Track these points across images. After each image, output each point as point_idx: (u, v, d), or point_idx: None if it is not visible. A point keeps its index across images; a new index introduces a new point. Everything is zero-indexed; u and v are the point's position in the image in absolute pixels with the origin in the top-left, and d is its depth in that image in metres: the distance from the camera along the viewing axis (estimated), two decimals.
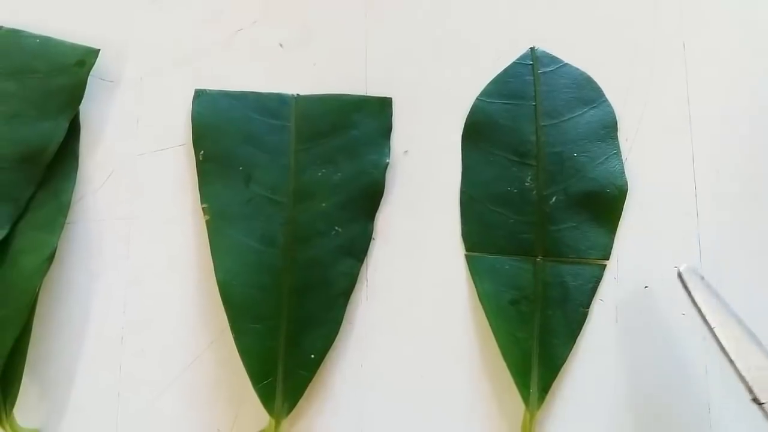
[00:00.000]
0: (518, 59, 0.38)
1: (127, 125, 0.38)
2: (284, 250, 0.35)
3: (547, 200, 0.36)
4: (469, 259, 0.36)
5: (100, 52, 0.37)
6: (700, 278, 0.33)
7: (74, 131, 0.37)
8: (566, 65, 0.38)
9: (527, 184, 0.36)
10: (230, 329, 0.34)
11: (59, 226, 0.35)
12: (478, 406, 0.35)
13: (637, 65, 0.38)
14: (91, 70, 0.37)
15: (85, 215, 0.37)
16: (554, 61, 0.38)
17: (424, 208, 0.37)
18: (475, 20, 0.39)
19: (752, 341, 0.32)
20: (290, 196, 0.36)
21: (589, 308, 0.35)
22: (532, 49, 0.38)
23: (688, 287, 0.33)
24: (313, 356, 0.34)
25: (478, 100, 0.38)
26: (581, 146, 0.36)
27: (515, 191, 0.36)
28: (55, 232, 0.34)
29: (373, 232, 0.36)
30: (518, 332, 0.35)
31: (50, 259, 0.34)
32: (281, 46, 0.39)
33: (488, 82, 0.38)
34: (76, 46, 0.37)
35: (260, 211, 0.35)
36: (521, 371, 0.34)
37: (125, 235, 0.36)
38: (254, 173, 0.36)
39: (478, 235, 0.36)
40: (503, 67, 0.38)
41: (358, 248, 0.36)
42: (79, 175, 0.36)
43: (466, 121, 0.37)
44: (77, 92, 0.36)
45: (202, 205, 0.35)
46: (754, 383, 0.30)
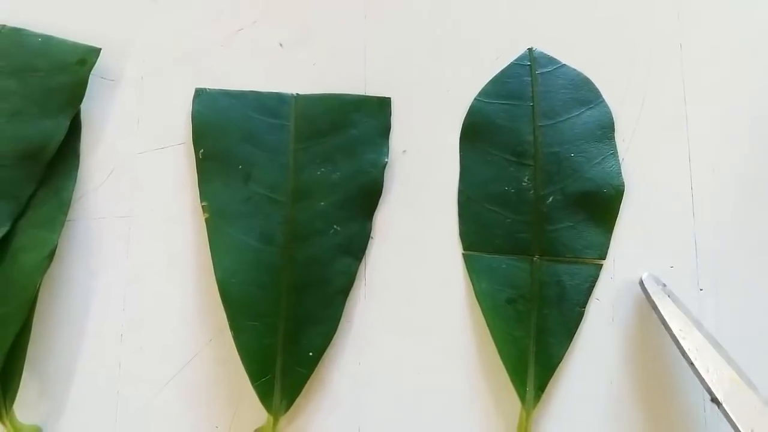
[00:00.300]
0: (516, 60, 0.38)
1: (127, 124, 0.38)
2: (283, 248, 0.35)
3: (544, 200, 0.36)
4: (466, 258, 0.36)
5: (101, 51, 0.37)
6: (662, 286, 0.35)
7: (75, 129, 0.37)
8: (564, 66, 0.38)
9: (524, 183, 0.36)
10: (229, 327, 0.34)
11: (59, 223, 0.35)
12: (474, 404, 0.35)
13: (634, 66, 0.39)
14: (92, 68, 0.37)
15: (85, 213, 0.37)
16: (552, 61, 0.38)
17: (422, 207, 0.37)
18: (473, 21, 0.39)
19: (712, 344, 0.33)
20: (289, 194, 0.36)
21: (585, 307, 0.35)
22: (530, 49, 0.38)
23: (649, 294, 0.34)
24: (311, 354, 0.34)
25: (476, 100, 0.38)
26: (578, 146, 0.37)
27: (512, 191, 0.36)
28: (55, 229, 0.34)
29: (371, 230, 0.36)
30: (515, 331, 0.35)
31: (50, 256, 0.34)
32: (281, 45, 0.39)
33: (486, 82, 0.38)
34: (77, 45, 0.37)
35: (259, 209, 0.36)
36: (518, 369, 0.34)
37: (125, 233, 0.37)
38: (253, 172, 0.36)
39: (475, 234, 0.36)
40: (501, 67, 0.38)
41: (356, 247, 0.36)
42: (79, 173, 0.36)
43: (464, 121, 0.38)
44: (78, 91, 0.36)
45: (201, 203, 0.36)
46: (712, 385, 0.32)
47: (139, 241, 0.37)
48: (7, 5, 0.39)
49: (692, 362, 0.32)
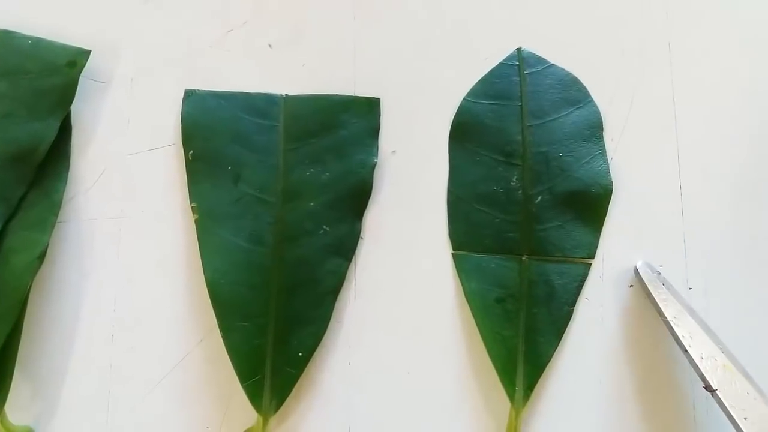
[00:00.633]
0: (505, 60, 0.38)
1: (118, 125, 0.38)
2: (272, 249, 0.35)
3: (532, 200, 0.36)
4: (455, 257, 0.36)
5: (91, 53, 0.37)
6: (656, 274, 0.35)
7: (66, 131, 0.37)
8: (552, 66, 0.38)
9: (513, 183, 0.36)
10: (219, 327, 0.34)
11: (50, 225, 0.35)
12: (464, 403, 0.35)
13: (623, 66, 0.39)
14: (82, 70, 0.37)
15: (76, 214, 0.37)
16: (540, 61, 0.38)
17: (411, 207, 0.37)
18: (462, 21, 0.39)
19: (705, 332, 0.33)
20: (278, 195, 0.36)
21: (574, 307, 0.35)
22: (518, 49, 0.38)
23: (643, 281, 0.35)
24: (301, 354, 0.34)
25: (465, 100, 0.38)
26: (567, 146, 0.37)
27: (501, 191, 0.36)
28: (46, 231, 0.35)
29: (361, 231, 0.36)
30: (504, 330, 0.35)
31: (41, 257, 0.34)
32: (270, 46, 0.39)
33: (475, 82, 0.38)
34: (67, 47, 0.37)
35: (249, 210, 0.36)
36: (507, 369, 0.34)
37: (116, 234, 0.37)
38: (243, 173, 0.36)
39: (464, 234, 0.36)
40: (490, 67, 0.38)
41: (346, 247, 0.36)
42: (70, 174, 0.37)
43: (453, 121, 0.38)
44: (68, 92, 0.36)
45: (191, 204, 0.36)
46: (706, 372, 0.32)
47: (129, 242, 0.37)
48: None
49: (686, 349, 0.32)
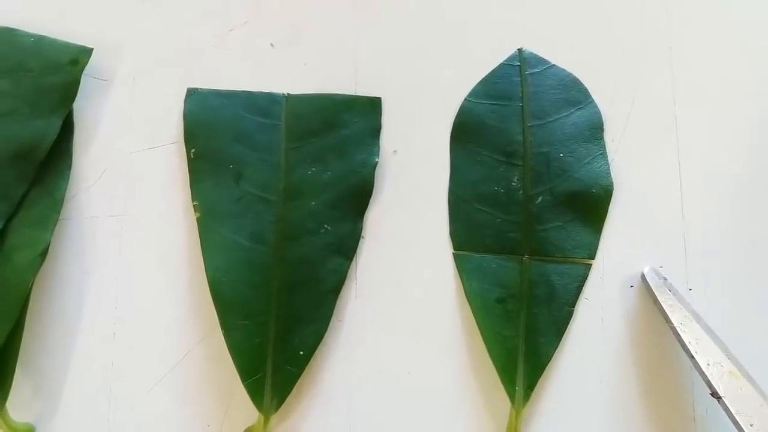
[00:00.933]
0: (506, 60, 0.38)
1: (120, 123, 0.38)
2: (274, 247, 0.35)
3: (533, 200, 0.36)
4: (456, 257, 0.36)
5: (93, 51, 0.37)
6: (663, 279, 0.35)
7: (68, 129, 0.37)
8: (553, 66, 0.38)
9: (514, 183, 0.36)
10: (220, 326, 0.34)
11: (52, 222, 0.35)
12: (464, 403, 0.35)
13: (623, 66, 0.39)
14: (84, 68, 0.37)
15: (78, 212, 0.37)
16: (541, 62, 0.38)
17: (412, 207, 0.37)
18: (463, 21, 0.39)
19: (711, 339, 0.33)
20: (280, 194, 0.36)
21: (574, 307, 0.35)
22: (519, 50, 0.38)
23: (651, 287, 0.34)
24: (302, 353, 0.34)
25: (466, 100, 0.38)
26: (568, 147, 0.37)
27: (502, 191, 0.36)
28: (48, 228, 0.35)
29: (362, 230, 0.37)
30: (504, 330, 0.35)
31: (43, 255, 0.34)
32: (272, 45, 0.39)
33: (476, 82, 0.38)
34: (69, 45, 0.37)
35: (250, 209, 0.36)
36: (507, 369, 0.34)
37: (118, 231, 0.37)
38: (245, 171, 0.36)
39: (465, 234, 0.36)
40: (491, 68, 0.38)
41: (347, 246, 0.36)
42: (72, 172, 0.37)
43: (454, 121, 0.38)
44: (71, 90, 0.36)
45: (192, 202, 0.36)
46: (712, 378, 0.32)
47: (131, 240, 0.37)
48: (0, 6, 0.39)
49: (692, 356, 0.32)
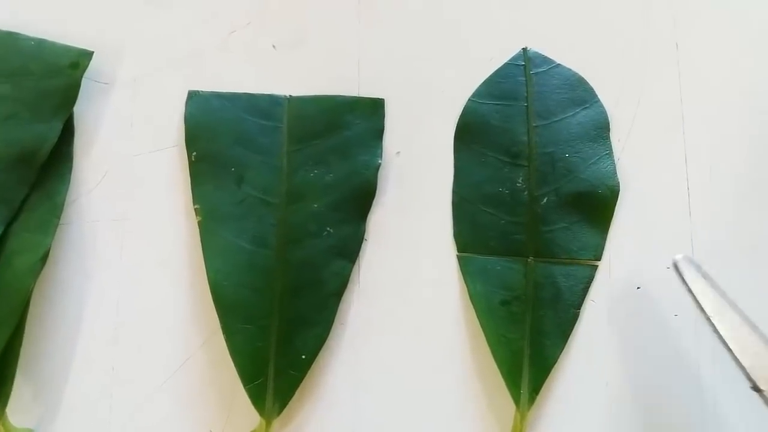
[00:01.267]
0: (510, 60, 0.38)
1: (121, 126, 0.38)
2: (276, 250, 0.35)
3: (538, 201, 0.36)
4: (460, 259, 0.36)
5: (94, 54, 0.37)
6: (696, 267, 0.33)
7: (69, 133, 0.37)
8: (558, 66, 0.38)
9: (519, 184, 0.36)
10: (222, 330, 0.34)
11: (53, 227, 0.35)
12: (469, 406, 0.35)
13: (629, 65, 0.38)
14: (85, 72, 0.37)
15: (79, 216, 0.37)
16: (546, 61, 0.38)
17: (416, 208, 0.37)
18: (467, 21, 0.39)
19: (750, 329, 0.31)
20: (282, 197, 0.36)
21: (580, 309, 0.35)
22: (524, 49, 0.38)
23: (684, 277, 0.33)
24: (304, 357, 0.34)
25: (470, 101, 0.37)
26: (573, 147, 0.36)
27: (507, 192, 0.36)
28: (48, 233, 0.34)
29: (365, 232, 0.36)
30: (509, 333, 0.34)
31: (44, 259, 0.34)
32: (274, 47, 0.39)
33: (480, 83, 0.38)
34: (70, 48, 0.37)
35: (252, 211, 0.35)
36: (512, 372, 0.34)
37: (119, 235, 0.37)
38: (246, 174, 0.36)
39: (469, 235, 0.36)
40: (496, 67, 0.38)
41: (349, 249, 0.36)
42: (73, 176, 0.36)
43: (458, 122, 0.37)
44: (71, 94, 0.36)
45: (194, 205, 0.36)
46: (752, 371, 0.30)
47: (132, 243, 0.36)
48: (1, 9, 0.39)
49: (730, 348, 0.30)
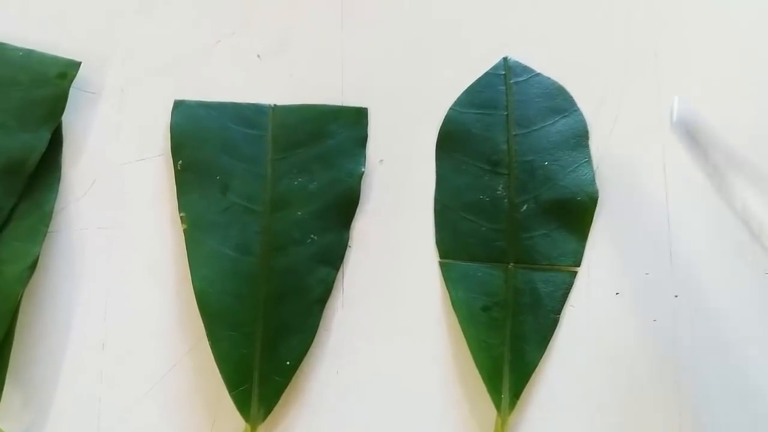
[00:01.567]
0: (491, 69, 0.38)
1: (108, 135, 0.38)
2: (260, 258, 0.35)
3: (518, 208, 0.36)
4: (442, 266, 0.36)
5: (81, 64, 0.37)
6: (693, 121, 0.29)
7: (57, 142, 0.37)
8: (538, 75, 0.38)
9: (499, 192, 0.37)
10: (207, 337, 0.34)
11: (41, 235, 0.35)
12: (450, 411, 0.35)
13: (609, 74, 0.39)
14: (72, 81, 0.37)
15: (67, 225, 0.37)
16: (526, 70, 0.38)
17: (399, 216, 0.37)
18: (448, 31, 0.40)
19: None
20: (266, 205, 0.36)
21: (560, 314, 0.35)
22: (504, 59, 0.38)
23: (686, 128, 0.29)
24: (288, 363, 0.34)
25: (451, 110, 0.38)
26: (552, 155, 0.37)
27: (487, 199, 0.36)
28: (37, 241, 0.35)
29: (348, 240, 0.37)
30: (490, 338, 0.35)
31: (32, 267, 0.34)
32: (259, 56, 0.39)
33: (462, 92, 0.38)
34: (57, 58, 0.38)
35: (237, 219, 0.36)
36: (493, 377, 0.34)
37: (107, 243, 0.37)
38: (231, 182, 0.36)
39: (451, 242, 0.37)
40: (477, 77, 0.38)
41: (333, 256, 0.36)
42: (61, 185, 0.37)
43: (439, 130, 0.38)
44: (59, 104, 0.37)
45: (180, 214, 0.36)
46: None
47: (120, 251, 0.37)
48: None
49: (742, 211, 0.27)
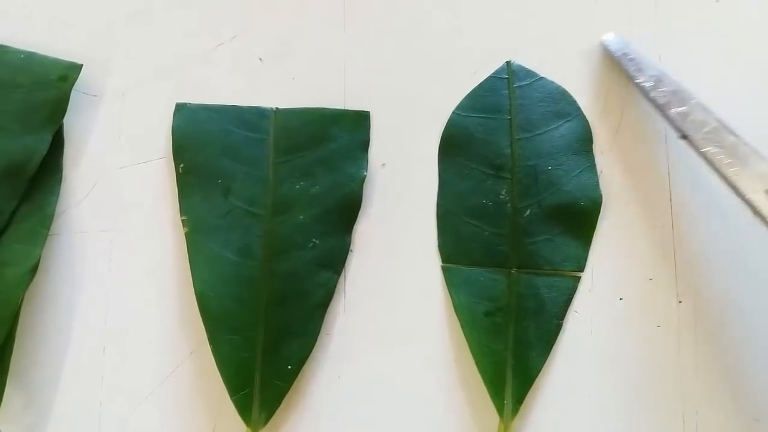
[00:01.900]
0: (494, 73, 0.38)
1: (109, 138, 0.38)
2: (262, 262, 0.35)
3: (521, 213, 0.36)
4: (445, 270, 0.36)
5: (83, 67, 0.37)
6: (624, 45, 0.35)
7: (58, 145, 0.37)
8: (542, 79, 0.38)
9: (502, 196, 0.36)
10: (208, 340, 0.34)
11: (42, 238, 0.35)
12: (453, 416, 0.35)
13: (612, 78, 0.39)
14: (74, 84, 0.37)
15: (68, 227, 0.37)
16: (530, 74, 0.38)
17: (401, 220, 0.37)
18: (452, 35, 0.39)
19: (684, 90, 0.33)
20: (268, 208, 0.36)
21: (563, 320, 0.35)
22: (508, 62, 0.38)
23: (614, 54, 0.35)
24: (290, 367, 0.34)
25: (454, 113, 0.38)
26: (556, 159, 0.37)
27: (490, 204, 0.36)
28: (38, 244, 0.35)
29: (350, 244, 0.37)
30: (493, 343, 0.35)
31: (33, 270, 0.34)
32: (260, 60, 0.39)
33: (465, 96, 0.38)
34: (59, 61, 0.38)
35: (238, 223, 0.36)
36: (496, 382, 0.34)
37: (108, 246, 0.37)
38: (233, 186, 0.36)
39: (453, 247, 0.36)
40: (480, 81, 0.38)
41: (335, 260, 0.36)
42: (62, 188, 0.37)
43: (442, 134, 0.38)
44: (60, 107, 0.37)
45: (181, 217, 0.36)
46: (675, 120, 0.33)
47: (121, 254, 0.37)
48: None
49: (658, 105, 0.32)
